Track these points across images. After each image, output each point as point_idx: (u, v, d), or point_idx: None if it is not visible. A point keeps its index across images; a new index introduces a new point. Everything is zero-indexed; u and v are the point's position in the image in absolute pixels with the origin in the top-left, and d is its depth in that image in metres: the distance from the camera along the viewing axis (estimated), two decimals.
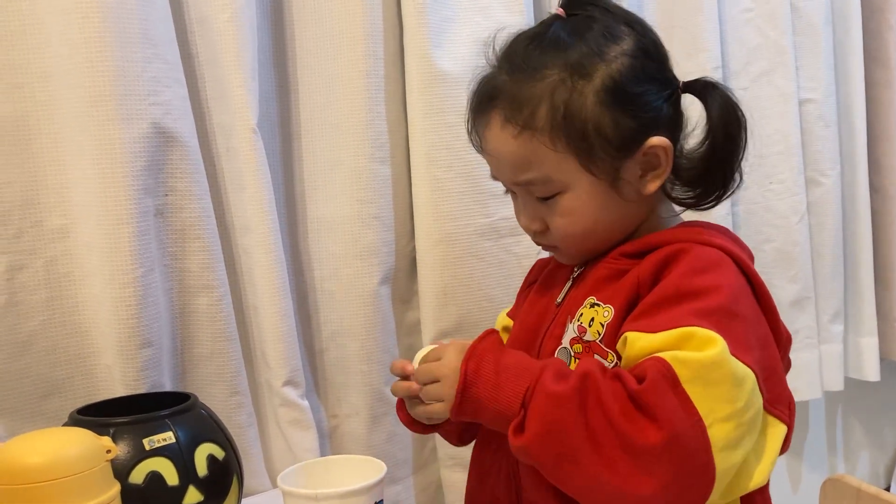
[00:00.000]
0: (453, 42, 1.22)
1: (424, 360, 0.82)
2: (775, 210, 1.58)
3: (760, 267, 1.64)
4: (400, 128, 1.24)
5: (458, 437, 0.94)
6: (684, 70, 0.86)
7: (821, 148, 1.62)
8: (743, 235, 1.57)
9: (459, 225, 1.23)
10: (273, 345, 1.13)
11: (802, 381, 1.61)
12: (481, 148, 0.84)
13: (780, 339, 0.79)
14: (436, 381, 0.78)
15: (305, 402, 1.17)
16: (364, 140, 1.19)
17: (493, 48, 0.83)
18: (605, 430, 0.66)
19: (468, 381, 0.74)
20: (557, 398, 0.68)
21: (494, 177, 0.86)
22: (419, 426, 0.89)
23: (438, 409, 0.78)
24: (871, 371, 1.71)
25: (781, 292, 1.58)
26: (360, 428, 1.24)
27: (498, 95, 0.80)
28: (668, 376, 0.66)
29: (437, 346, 0.84)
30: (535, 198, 0.82)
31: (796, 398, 1.68)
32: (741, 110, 0.81)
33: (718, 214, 1.48)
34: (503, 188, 0.87)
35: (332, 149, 1.20)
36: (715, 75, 1.47)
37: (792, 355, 0.85)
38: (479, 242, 1.24)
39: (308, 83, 1.20)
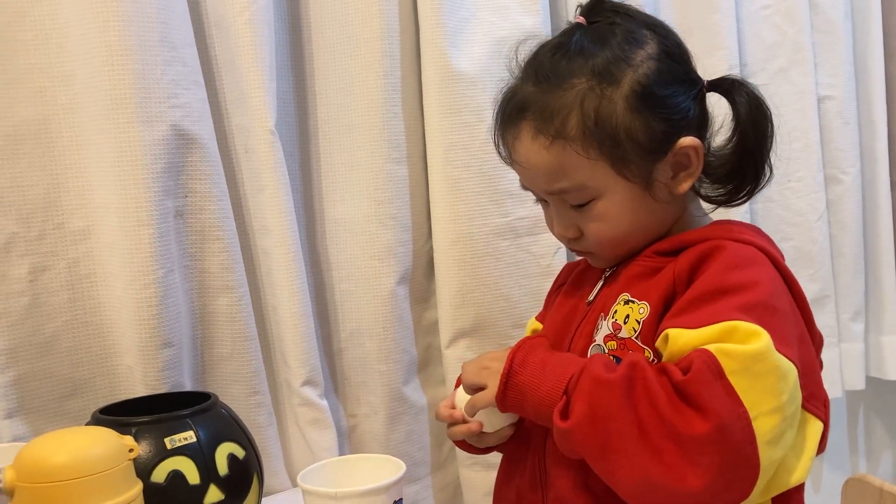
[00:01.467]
0: (470, 42, 1.22)
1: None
2: (794, 208, 1.57)
3: None
4: (417, 128, 1.25)
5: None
6: (701, 68, 0.85)
7: (840, 145, 1.61)
8: None
9: (476, 225, 1.23)
10: (292, 345, 1.14)
11: (824, 381, 1.60)
12: (511, 160, 0.84)
13: (814, 339, 0.79)
14: (484, 368, 0.79)
15: (324, 402, 1.18)
16: (381, 140, 1.19)
17: (517, 60, 0.84)
18: (651, 419, 0.66)
19: (514, 370, 0.75)
20: (605, 383, 0.69)
21: (525, 187, 0.86)
22: (478, 449, 0.90)
23: (483, 398, 0.79)
24: (892, 370, 1.70)
25: None
26: (378, 427, 1.25)
27: (527, 107, 0.80)
28: (713, 367, 0.66)
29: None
30: (568, 205, 0.82)
31: None
32: (767, 104, 0.81)
33: (736, 213, 1.47)
34: (519, 186, 0.87)
35: (349, 149, 1.21)
36: (732, 73, 1.46)
37: None
38: (495, 242, 1.24)
39: (325, 84, 1.21)
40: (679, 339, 0.71)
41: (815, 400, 0.75)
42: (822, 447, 0.77)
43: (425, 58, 1.22)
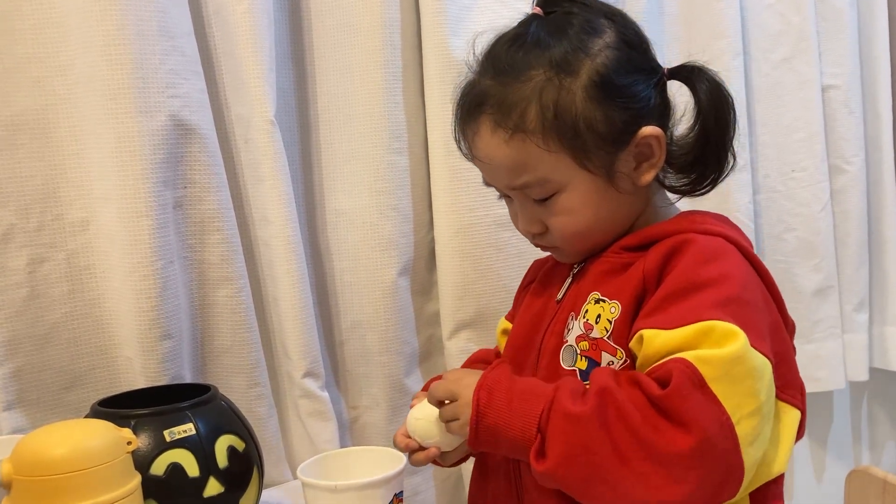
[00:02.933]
0: (471, 31, 1.20)
1: (444, 376, 0.81)
2: (797, 198, 1.56)
3: (782, 256, 1.63)
4: (418, 118, 1.24)
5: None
6: (704, 58, 0.84)
7: (845, 135, 1.60)
8: (764, 224, 1.55)
9: (478, 215, 1.22)
10: (293, 336, 1.14)
11: (826, 371, 1.59)
12: (472, 156, 0.83)
13: (788, 327, 0.78)
14: (454, 399, 0.77)
15: (325, 394, 1.17)
16: (382, 130, 1.19)
17: (474, 53, 0.82)
18: (631, 444, 0.65)
19: (481, 412, 0.73)
20: (577, 418, 0.68)
21: (488, 183, 0.85)
22: (449, 464, 0.89)
23: (455, 428, 0.77)
24: None
25: (804, 281, 1.56)
26: (379, 419, 1.25)
27: (485, 101, 0.79)
28: (693, 378, 0.65)
29: (423, 401, 0.83)
30: (531, 200, 0.81)
31: (819, 388, 1.66)
32: (728, 91, 0.80)
33: (741, 203, 1.46)
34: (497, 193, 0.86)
35: (349, 140, 1.20)
36: (735, 62, 1.45)
37: (815, 345, 0.85)
38: (497, 233, 1.24)
39: (325, 74, 1.20)
40: (655, 340, 0.69)
41: (790, 389, 0.74)
42: (800, 433, 0.76)
43: (426, 47, 1.21)
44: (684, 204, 0.87)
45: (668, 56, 1.41)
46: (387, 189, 1.20)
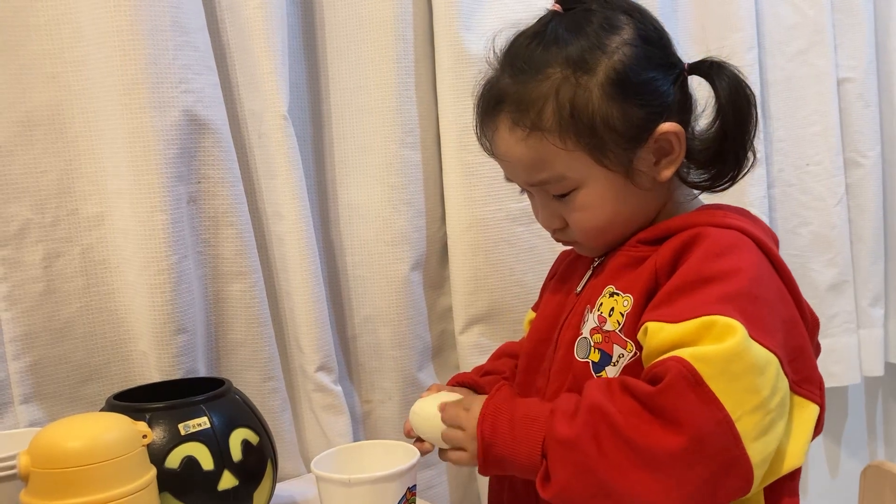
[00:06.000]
0: (483, 24, 1.20)
1: (451, 405, 0.81)
2: (812, 192, 1.55)
3: (797, 250, 1.62)
4: (430, 112, 1.24)
5: None
6: (719, 51, 0.84)
7: (860, 128, 1.59)
8: (779, 218, 1.54)
9: (491, 210, 1.22)
10: (306, 330, 1.14)
11: (841, 366, 1.58)
12: (492, 152, 0.84)
13: (806, 322, 0.77)
14: (459, 428, 0.78)
15: (338, 388, 1.18)
16: (394, 125, 1.19)
17: (493, 51, 0.82)
18: (626, 456, 0.66)
19: (487, 444, 0.74)
20: (571, 442, 0.68)
21: (509, 179, 0.85)
22: None
23: (463, 459, 0.78)
24: None
25: (819, 276, 1.55)
26: (392, 413, 1.25)
27: (503, 99, 0.79)
28: (690, 377, 0.65)
29: (429, 397, 0.85)
30: (551, 196, 0.81)
31: (834, 383, 1.65)
32: (749, 87, 0.80)
33: (755, 197, 1.46)
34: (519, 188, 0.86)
35: (362, 134, 1.20)
36: (750, 56, 1.44)
37: (830, 340, 0.84)
38: (510, 227, 1.23)
39: (338, 68, 1.20)
40: (658, 333, 0.70)
41: (808, 384, 0.74)
42: (819, 429, 0.76)
43: (439, 41, 1.21)
44: (705, 199, 0.86)
45: (681, 50, 1.40)
46: (399, 184, 1.20)
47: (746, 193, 1.44)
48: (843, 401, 1.75)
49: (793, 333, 0.73)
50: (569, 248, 0.93)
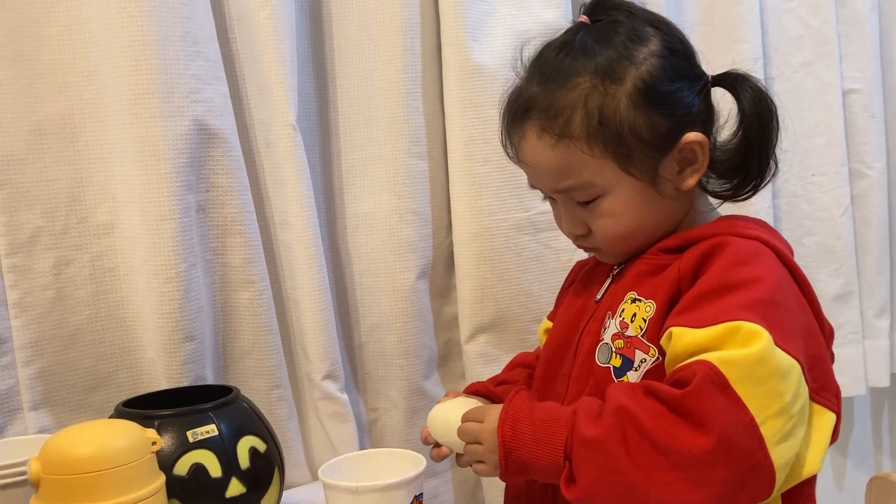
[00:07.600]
0: (491, 36, 1.21)
1: (464, 418, 0.81)
2: (817, 203, 1.55)
3: (802, 261, 1.61)
4: (437, 122, 1.25)
5: None
6: (723, 62, 0.85)
7: (866, 139, 1.59)
8: (784, 229, 1.54)
9: (497, 219, 1.23)
10: (313, 339, 1.14)
11: (847, 377, 1.58)
12: (518, 159, 0.85)
13: (824, 332, 0.79)
14: (478, 442, 0.78)
15: (345, 396, 1.18)
16: (401, 135, 1.19)
17: (521, 60, 0.84)
18: (651, 456, 0.66)
19: (508, 448, 0.74)
20: (597, 442, 0.68)
21: (533, 185, 0.87)
22: None
23: (483, 470, 0.78)
24: None
25: (824, 286, 1.56)
26: (398, 421, 1.25)
27: (532, 107, 0.80)
28: (717, 380, 0.66)
29: (450, 401, 0.86)
30: (575, 203, 0.83)
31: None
32: (772, 99, 0.81)
33: (760, 207, 1.46)
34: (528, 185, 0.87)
35: (369, 144, 1.21)
36: (755, 67, 1.45)
37: (836, 351, 0.84)
38: (516, 237, 1.24)
39: (346, 79, 1.21)
40: (683, 337, 0.70)
41: (825, 392, 0.75)
42: (835, 436, 0.77)
43: (446, 52, 1.21)
44: (733, 209, 0.87)
45: None
46: (406, 193, 1.20)
47: (752, 204, 1.45)
48: (849, 412, 1.75)
49: (812, 342, 0.74)
50: (585, 258, 0.94)
